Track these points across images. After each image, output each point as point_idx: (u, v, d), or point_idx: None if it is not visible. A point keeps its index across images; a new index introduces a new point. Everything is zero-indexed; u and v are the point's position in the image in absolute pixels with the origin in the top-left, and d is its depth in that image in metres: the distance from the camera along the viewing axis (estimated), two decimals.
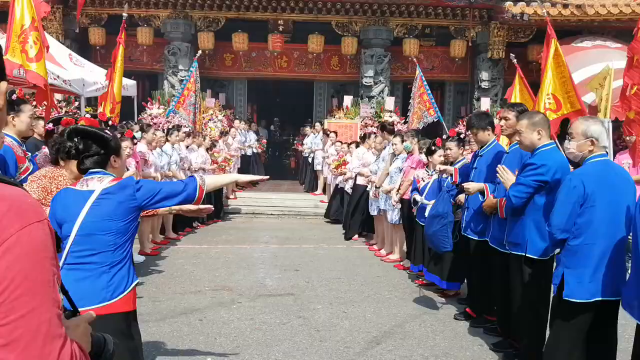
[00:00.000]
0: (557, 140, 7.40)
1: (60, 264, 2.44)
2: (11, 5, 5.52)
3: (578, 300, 3.39)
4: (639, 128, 6.24)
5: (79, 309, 2.28)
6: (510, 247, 4.30)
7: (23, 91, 8.35)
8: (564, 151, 4.16)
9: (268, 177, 3.21)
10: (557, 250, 3.71)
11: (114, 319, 2.48)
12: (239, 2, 13.53)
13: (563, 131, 7.62)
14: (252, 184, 3.13)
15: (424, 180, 6.52)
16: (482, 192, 4.83)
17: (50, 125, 4.34)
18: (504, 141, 6.13)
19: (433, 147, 6.43)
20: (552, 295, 3.64)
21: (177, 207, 3.05)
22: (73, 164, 2.65)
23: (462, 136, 6.67)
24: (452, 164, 6.09)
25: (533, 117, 4.21)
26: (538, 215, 4.11)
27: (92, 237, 2.47)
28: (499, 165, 4.47)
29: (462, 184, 5.02)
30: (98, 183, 2.54)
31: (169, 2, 13.54)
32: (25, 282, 0.97)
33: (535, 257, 4.12)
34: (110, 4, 13.53)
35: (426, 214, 6.13)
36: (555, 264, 3.69)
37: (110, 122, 6.54)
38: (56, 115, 6.55)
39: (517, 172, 4.25)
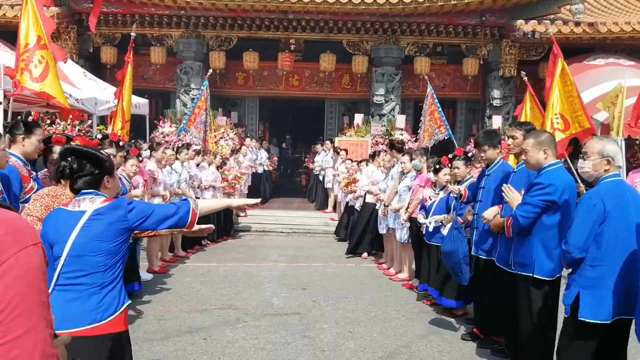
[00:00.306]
0: (568, 159, 7.36)
1: (52, 285, 2.44)
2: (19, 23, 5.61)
3: (597, 321, 3.33)
4: None
5: (69, 330, 2.28)
6: (516, 268, 4.23)
7: (39, 113, 8.44)
8: (576, 170, 4.10)
9: (259, 200, 3.21)
10: (569, 270, 3.64)
11: (104, 340, 2.46)
12: (251, 22, 13.67)
13: (576, 150, 7.60)
14: (243, 210, 3.17)
15: (430, 199, 6.47)
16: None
17: (42, 144, 4.37)
18: (511, 160, 6.08)
19: (438, 166, 6.39)
20: (563, 315, 3.54)
21: (177, 229, 3.04)
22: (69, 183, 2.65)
23: (469, 154, 6.60)
24: (459, 182, 6.05)
25: (539, 136, 4.16)
26: (545, 236, 4.05)
27: (82, 258, 2.45)
28: (504, 185, 4.42)
29: (482, 217, 4.91)
30: (90, 204, 2.53)
31: (181, 22, 13.71)
32: (22, 303, 1.01)
33: (542, 278, 4.06)
34: (123, 23, 13.74)
35: (430, 229, 6.12)
36: (566, 284, 3.61)
37: (120, 143, 6.56)
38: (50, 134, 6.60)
39: (523, 192, 4.19)
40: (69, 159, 2.58)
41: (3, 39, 11.66)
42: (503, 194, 4.34)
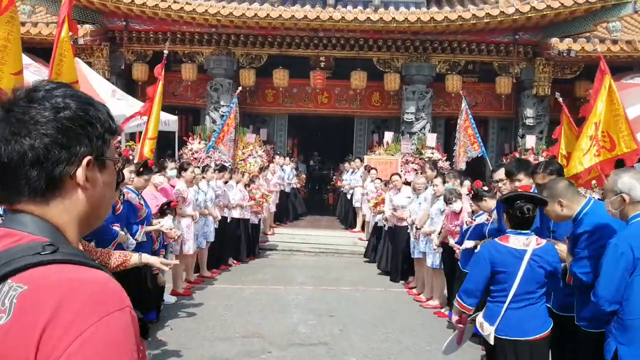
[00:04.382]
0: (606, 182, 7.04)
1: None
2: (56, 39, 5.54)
3: None
4: None
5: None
6: (586, 325, 3.75)
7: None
8: None
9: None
10: None
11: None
12: (281, 39, 13.64)
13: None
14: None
15: (466, 224, 6.23)
16: None
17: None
18: None
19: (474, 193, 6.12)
20: None
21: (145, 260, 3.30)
22: None
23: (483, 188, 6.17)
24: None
25: (551, 188, 3.81)
26: None
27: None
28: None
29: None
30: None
31: (212, 39, 13.75)
32: None
33: None
34: (155, 41, 13.84)
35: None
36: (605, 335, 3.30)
37: (148, 163, 6.48)
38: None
39: (567, 240, 3.86)
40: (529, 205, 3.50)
41: (38, 56, 11.86)
42: None
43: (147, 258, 3.34)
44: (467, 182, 7.82)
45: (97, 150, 1.06)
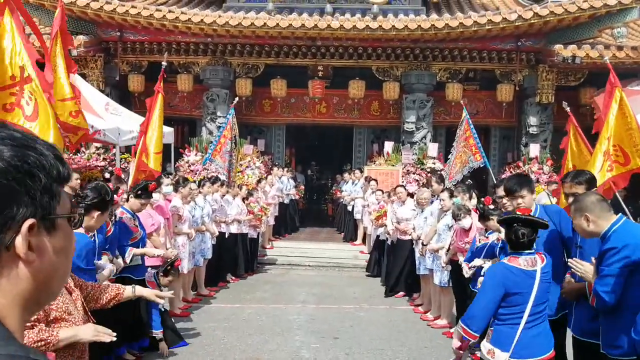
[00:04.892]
0: (617, 193, 6.75)
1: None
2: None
3: None
4: None
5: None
6: (615, 353, 3.50)
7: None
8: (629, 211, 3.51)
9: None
10: None
11: None
12: (279, 49, 13.36)
13: (635, 187, 6.96)
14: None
15: (480, 242, 5.92)
16: None
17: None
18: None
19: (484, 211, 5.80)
20: None
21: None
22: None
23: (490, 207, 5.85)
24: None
25: (577, 202, 3.58)
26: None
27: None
28: (570, 260, 3.81)
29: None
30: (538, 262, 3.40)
31: (208, 49, 13.48)
32: None
33: None
34: (150, 51, 13.57)
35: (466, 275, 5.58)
36: None
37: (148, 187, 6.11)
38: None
39: (594, 260, 3.58)
40: (524, 230, 3.40)
41: None
42: (572, 269, 3.72)
43: (140, 291, 3.07)
44: (474, 195, 7.52)
45: (42, 209, 0.79)
